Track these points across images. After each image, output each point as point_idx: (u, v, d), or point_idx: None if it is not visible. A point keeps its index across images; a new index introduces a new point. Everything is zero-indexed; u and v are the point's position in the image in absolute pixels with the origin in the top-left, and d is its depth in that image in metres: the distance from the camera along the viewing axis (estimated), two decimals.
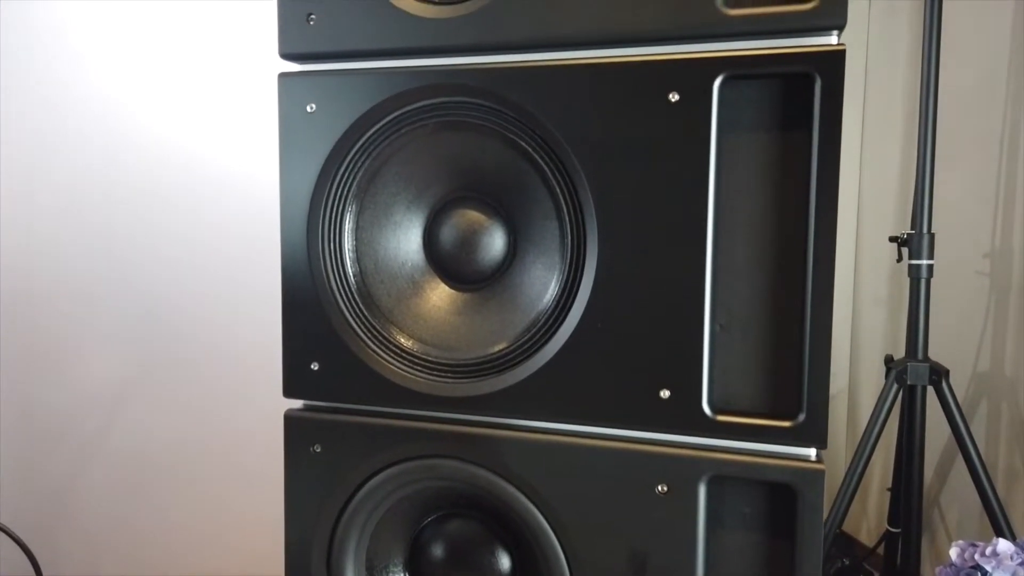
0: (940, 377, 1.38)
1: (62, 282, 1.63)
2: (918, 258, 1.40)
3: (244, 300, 1.54)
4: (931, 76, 1.38)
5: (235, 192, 1.52)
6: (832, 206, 0.62)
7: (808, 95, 0.62)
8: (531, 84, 0.68)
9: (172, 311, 1.58)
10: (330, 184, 0.74)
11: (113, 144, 1.57)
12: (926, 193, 1.40)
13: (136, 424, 1.62)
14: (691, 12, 0.63)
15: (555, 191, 0.69)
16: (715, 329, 0.66)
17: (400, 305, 0.75)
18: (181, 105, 1.53)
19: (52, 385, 1.65)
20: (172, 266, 1.57)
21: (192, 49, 1.51)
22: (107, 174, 1.58)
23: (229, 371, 1.57)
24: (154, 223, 1.57)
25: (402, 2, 0.70)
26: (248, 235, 1.53)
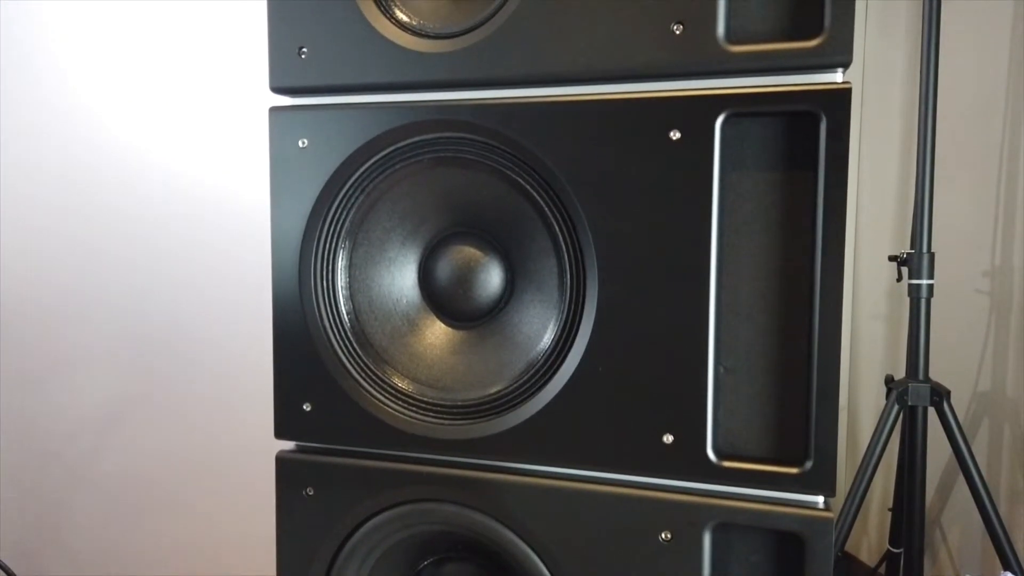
0: (941, 398, 1.37)
1: (53, 302, 1.61)
2: (918, 278, 1.39)
3: (237, 319, 1.52)
4: (929, 96, 1.37)
5: (228, 211, 1.50)
6: (839, 247, 0.61)
7: (813, 133, 0.60)
8: (529, 120, 0.66)
9: (164, 331, 1.56)
10: (322, 221, 0.72)
11: (104, 163, 1.55)
12: (925, 213, 1.38)
13: (127, 446, 1.60)
14: (693, 48, 0.62)
15: (553, 229, 0.67)
16: (719, 372, 0.64)
17: (395, 344, 0.73)
18: (179, 125, 1.51)
19: (43, 406, 1.63)
20: (163, 286, 1.55)
21: (182, 69, 1.49)
22: (97, 193, 1.56)
23: (222, 391, 1.54)
24: (146, 242, 1.55)
25: (396, 36, 0.68)
26: (241, 253, 1.51)
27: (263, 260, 1.48)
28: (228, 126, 1.48)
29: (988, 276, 1.50)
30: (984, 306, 1.50)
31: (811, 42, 0.59)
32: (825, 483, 0.61)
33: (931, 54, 1.37)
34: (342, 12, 0.69)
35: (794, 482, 0.62)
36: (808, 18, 0.60)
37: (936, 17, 1.38)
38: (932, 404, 1.39)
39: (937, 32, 1.36)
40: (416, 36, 0.68)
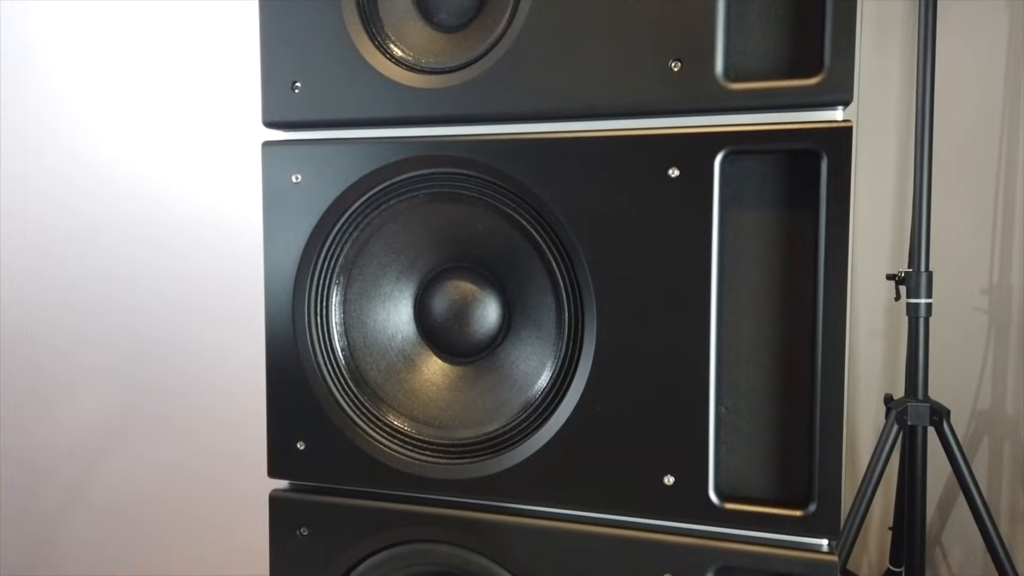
0: (941, 418, 1.36)
1: (48, 321, 1.59)
2: (916, 297, 1.38)
3: (233, 336, 1.50)
4: (926, 113, 1.36)
5: (225, 228, 1.49)
6: (841, 286, 0.60)
7: (814, 170, 0.60)
8: (526, 156, 0.65)
9: (160, 349, 1.54)
10: (316, 256, 0.71)
11: (99, 181, 1.54)
12: (923, 232, 1.38)
13: (124, 465, 1.58)
14: (691, 86, 0.61)
15: (551, 266, 0.66)
16: (720, 411, 0.63)
17: (390, 380, 0.72)
18: (176, 143, 1.50)
19: (39, 426, 1.61)
20: (159, 304, 1.53)
21: (180, 88, 1.48)
22: (93, 211, 1.54)
23: (219, 409, 1.53)
24: (141, 261, 1.53)
25: (391, 71, 0.67)
26: (238, 270, 1.49)
27: (260, 277, 1.47)
28: (227, 144, 1.47)
29: (986, 294, 1.49)
30: (983, 324, 1.49)
31: (811, 80, 0.59)
32: (829, 526, 0.60)
33: (927, 71, 1.37)
34: (336, 47, 0.68)
35: (797, 525, 0.61)
36: (808, 56, 0.59)
37: (931, 33, 1.37)
38: (932, 424, 1.38)
39: (933, 48, 1.36)
40: (411, 71, 0.68)
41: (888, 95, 1.73)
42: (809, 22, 0.59)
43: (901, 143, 1.71)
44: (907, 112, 1.69)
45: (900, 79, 1.71)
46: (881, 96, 1.76)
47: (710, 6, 0.60)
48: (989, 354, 1.49)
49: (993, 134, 1.49)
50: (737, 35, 0.60)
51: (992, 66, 1.48)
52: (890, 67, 1.73)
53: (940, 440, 1.36)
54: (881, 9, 1.57)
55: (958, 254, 1.53)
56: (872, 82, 1.79)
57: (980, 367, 1.50)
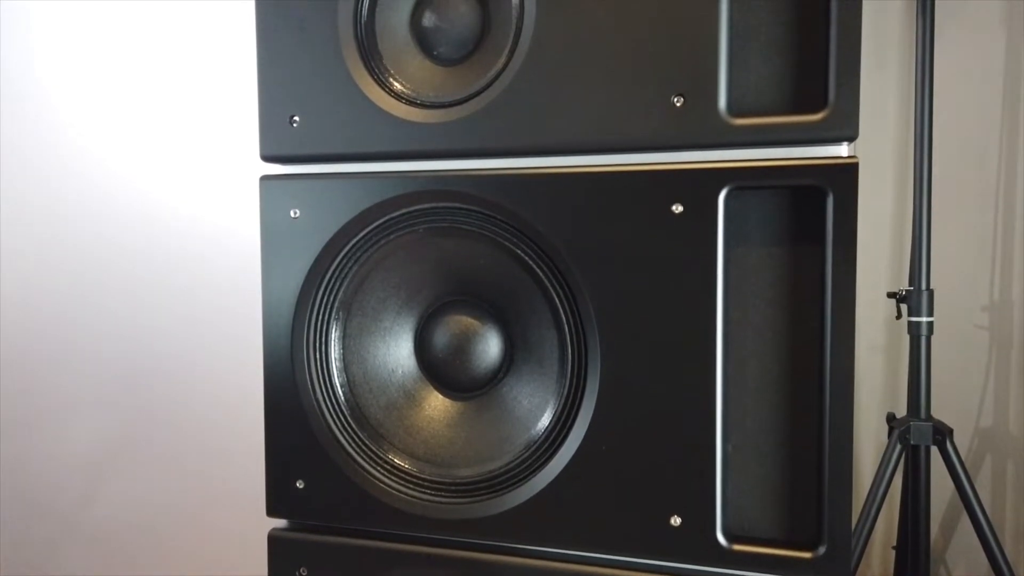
0: (944, 437, 1.36)
1: (42, 349, 1.57)
2: (918, 315, 1.37)
3: (229, 364, 1.49)
4: (924, 131, 1.36)
5: (221, 259, 1.48)
6: (849, 322, 0.59)
7: (820, 207, 0.59)
8: (528, 191, 0.64)
9: (155, 376, 1.53)
10: (315, 292, 0.70)
11: (94, 207, 1.53)
12: (923, 250, 1.38)
13: (119, 493, 1.56)
14: (694, 121, 0.60)
15: (554, 302, 0.65)
16: (727, 450, 0.62)
17: (391, 416, 0.71)
18: (165, 161, 1.49)
19: (34, 454, 1.59)
20: (153, 331, 1.52)
21: (177, 104, 1.47)
22: (86, 238, 1.53)
23: (215, 437, 1.51)
24: (135, 287, 1.52)
25: (391, 106, 0.67)
26: (232, 300, 1.48)
27: (256, 304, 1.45)
28: (230, 164, 1.46)
29: (987, 311, 1.49)
30: (984, 341, 1.49)
31: (815, 116, 0.58)
32: (840, 568, 0.59)
33: (925, 88, 1.37)
34: (335, 81, 0.68)
35: (807, 567, 0.60)
36: (812, 91, 0.59)
37: (929, 52, 1.37)
38: (935, 443, 1.37)
39: (931, 66, 1.36)
40: (411, 105, 0.67)
41: (886, 112, 1.73)
42: (813, 57, 0.59)
43: (900, 159, 1.71)
44: (906, 129, 1.69)
45: (898, 96, 1.71)
46: (879, 113, 1.76)
47: (712, 41, 0.59)
48: (991, 372, 1.48)
49: (992, 151, 1.49)
50: (740, 70, 0.60)
51: (990, 83, 1.48)
52: (888, 84, 1.74)
53: (943, 459, 1.35)
54: (878, 27, 1.57)
55: (958, 271, 1.53)
56: (870, 99, 1.79)
57: (982, 385, 1.49)
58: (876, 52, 1.77)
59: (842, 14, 0.56)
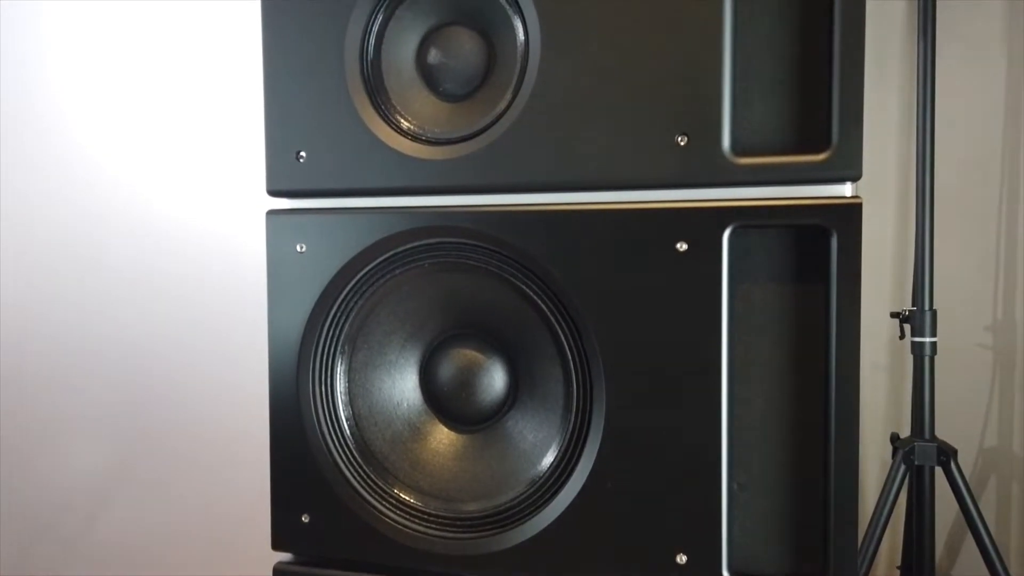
0: (948, 458, 1.35)
1: (44, 372, 1.58)
2: (921, 336, 1.37)
3: (231, 388, 1.49)
4: (926, 152, 1.37)
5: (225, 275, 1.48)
6: (854, 360, 0.59)
7: (824, 245, 0.59)
8: (533, 228, 0.64)
9: (157, 400, 1.53)
10: (321, 326, 0.70)
11: (97, 224, 1.53)
12: (926, 270, 1.38)
13: (121, 517, 1.56)
14: (698, 160, 0.61)
15: (559, 337, 0.65)
16: (733, 488, 0.62)
17: (396, 450, 0.71)
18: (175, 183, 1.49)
19: (36, 478, 1.59)
20: (155, 355, 1.52)
21: (185, 116, 1.47)
22: (89, 261, 1.54)
23: (217, 460, 1.51)
24: (137, 311, 1.52)
25: (397, 142, 0.67)
26: (234, 321, 1.48)
27: (259, 325, 1.46)
28: (238, 181, 1.46)
29: (990, 331, 1.49)
30: (987, 361, 1.49)
31: (819, 156, 0.58)
32: None
33: (926, 108, 1.37)
34: (341, 117, 0.68)
35: None
36: (815, 130, 0.59)
37: (930, 71, 1.38)
38: (939, 464, 1.37)
39: (932, 85, 1.37)
40: (416, 142, 0.67)
41: (888, 131, 1.74)
42: (816, 98, 0.59)
43: (902, 177, 1.71)
44: (908, 148, 1.69)
45: (900, 115, 1.72)
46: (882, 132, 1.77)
47: (716, 81, 0.60)
48: (995, 391, 1.48)
49: (994, 170, 1.49)
50: (743, 109, 0.60)
51: (991, 102, 1.49)
52: (890, 103, 1.74)
53: (948, 480, 1.35)
54: (880, 45, 1.58)
55: (961, 291, 1.53)
56: (873, 118, 1.79)
57: (986, 404, 1.49)
58: (878, 70, 1.78)
59: (844, 56, 0.57)
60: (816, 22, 0.58)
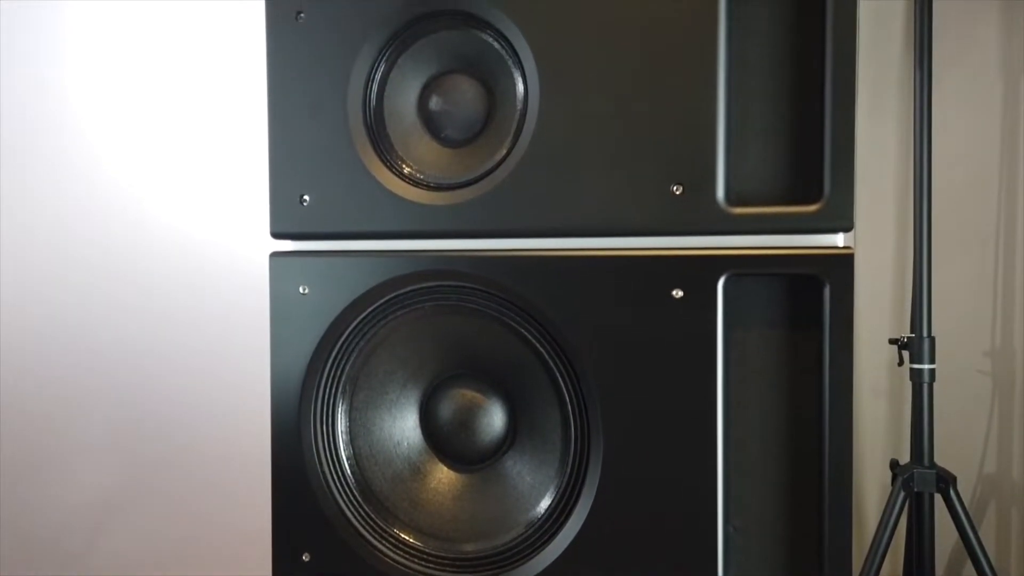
0: (948, 485, 1.35)
1: (47, 391, 1.59)
2: (919, 362, 1.38)
3: (234, 406, 1.50)
4: (923, 178, 1.38)
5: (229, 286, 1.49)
6: (847, 405, 0.60)
7: (816, 293, 0.60)
8: (532, 273, 0.66)
9: (159, 418, 1.54)
10: (323, 366, 0.72)
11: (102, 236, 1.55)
12: (924, 297, 1.39)
13: (125, 535, 1.57)
14: (693, 209, 0.62)
15: (557, 380, 0.67)
16: (729, 531, 0.63)
17: (396, 489, 0.72)
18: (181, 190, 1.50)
19: (39, 496, 1.60)
20: (157, 374, 1.53)
21: (197, 130, 1.48)
22: (91, 281, 1.55)
23: (220, 478, 1.52)
24: (140, 330, 1.54)
25: (399, 188, 0.69)
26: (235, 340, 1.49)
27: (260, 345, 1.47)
28: (232, 185, 1.46)
29: (988, 356, 1.49)
30: (986, 387, 1.49)
31: (811, 207, 0.60)
32: None
33: (923, 135, 1.38)
34: (344, 162, 0.70)
35: None
36: (807, 182, 0.60)
37: (927, 101, 1.39)
38: (938, 491, 1.37)
39: (929, 112, 1.38)
40: (418, 187, 0.69)
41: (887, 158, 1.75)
42: (808, 150, 0.60)
43: (900, 203, 1.72)
44: (905, 174, 1.71)
45: (897, 143, 1.73)
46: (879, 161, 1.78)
47: (711, 133, 0.61)
48: (994, 417, 1.48)
49: (991, 195, 1.50)
50: (738, 160, 0.62)
51: (988, 130, 1.50)
52: (887, 131, 1.76)
53: (947, 507, 1.35)
54: (877, 73, 1.60)
55: (960, 316, 1.53)
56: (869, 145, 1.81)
57: (985, 431, 1.49)
58: (875, 98, 1.79)
59: (836, 111, 0.58)
60: (809, 77, 0.60)
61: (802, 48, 0.60)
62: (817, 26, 0.59)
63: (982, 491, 1.50)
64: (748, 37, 0.61)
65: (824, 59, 0.58)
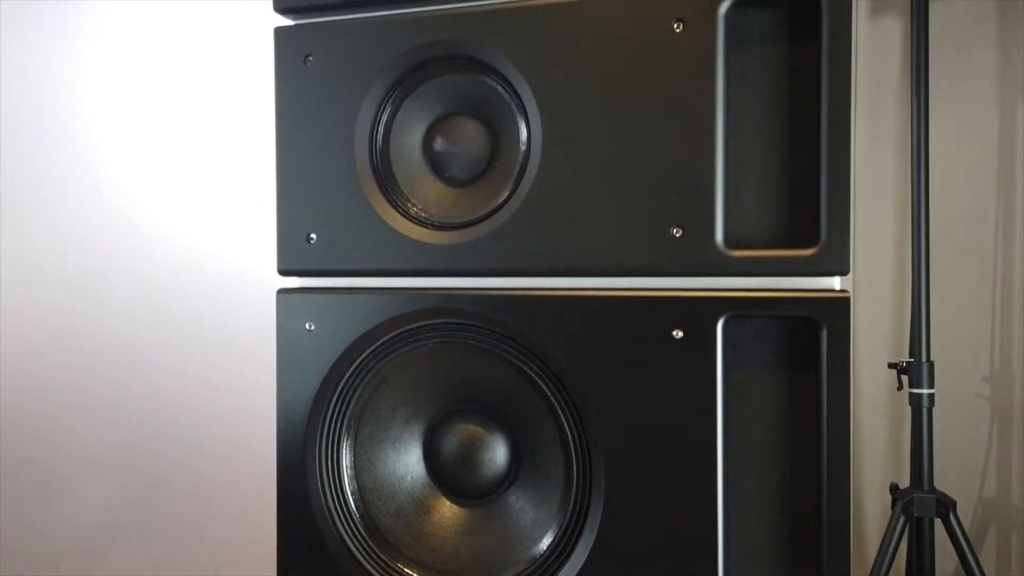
0: (947, 509, 1.36)
1: (48, 413, 1.60)
2: (919, 387, 1.39)
3: (237, 430, 1.51)
4: (921, 203, 1.39)
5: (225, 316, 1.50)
6: (844, 444, 0.61)
7: (814, 335, 0.61)
8: (534, 312, 0.67)
9: (161, 441, 1.55)
10: (328, 401, 0.73)
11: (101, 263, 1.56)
12: (923, 322, 1.39)
13: (126, 557, 1.57)
14: (692, 251, 0.63)
15: (559, 417, 0.68)
16: (730, 568, 0.64)
17: (400, 524, 0.73)
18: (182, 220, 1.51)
19: (40, 518, 1.60)
20: (160, 397, 1.54)
21: (207, 141, 1.49)
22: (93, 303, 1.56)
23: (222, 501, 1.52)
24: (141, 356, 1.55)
25: (405, 227, 0.70)
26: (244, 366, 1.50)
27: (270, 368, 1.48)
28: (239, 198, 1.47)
29: (987, 381, 1.50)
30: (985, 411, 1.50)
31: (808, 251, 0.61)
32: None
33: (921, 160, 1.40)
34: (351, 201, 0.71)
35: None
36: (804, 226, 0.62)
37: (924, 127, 1.41)
38: (938, 516, 1.37)
39: (926, 138, 1.40)
40: (423, 227, 0.70)
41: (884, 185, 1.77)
42: (805, 194, 0.62)
43: (899, 229, 1.74)
44: (903, 202, 1.72)
45: (895, 168, 1.75)
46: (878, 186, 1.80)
47: (709, 177, 0.62)
48: (993, 441, 1.49)
49: (989, 220, 1.51)
50: (736, 205, 0.63)
51: (985, 155, 1.52)
52: (885, 156, 1.77)
53: (947, 532, 1.35)
54: (874, 99, 1.61)
55: (958, 341, 1.54)
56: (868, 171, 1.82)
57: (984, 455, 1.50)
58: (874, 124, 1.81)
59: (832, 159, 0.60)
60: (805, 124, 0.61)
61: (798, 95, 0.62)
62: (812, 74, 0.61)
63: (982, 515, 1.50)
64: (745, 85, 0.63)
65: (820, 107, 0.60)
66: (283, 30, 0.73)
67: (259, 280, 1.49)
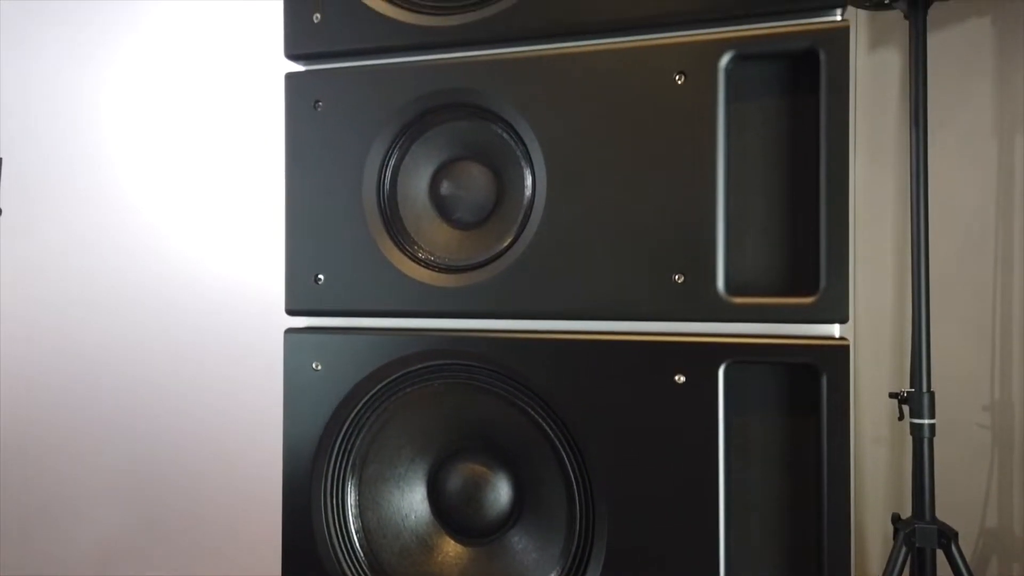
0: (949, 540, 1.36)
1: (52, 437, 1.60)
2: (919, 417, 1.39)
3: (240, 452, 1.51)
4: (921, 233, 1.41)
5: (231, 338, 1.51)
6: (844, 488, 0.62)
7: (814, 380, 0.62)
8: (538, 354, 0.68)
9: (165, 464, 1.55)
10: (334, 440, 0.73)
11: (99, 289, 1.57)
12: (923, 352, 1.40)
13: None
14: (694, 298, 0.64)
15: (562, 459, 0.68)
16: None
17: (403, 563, 0.73)
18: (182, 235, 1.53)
19: (45, 540, 1.60)
20: (163, 420, 1.55)
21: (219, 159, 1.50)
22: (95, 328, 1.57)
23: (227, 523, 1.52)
24: (145, 380, 1.55)
25: (411, 270, 0.71)
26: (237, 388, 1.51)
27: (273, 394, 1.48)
28: (243, 214, 1.49)
29: (988, 410, 1.50)
30: (986, 440, 1.50)
31: (808, 299, 0.62)
32: None
33: (920, 191, 1.41)
34: (358, 244, 0.72)
35: None
36: (804, 274, 0.63)
37: (923, 158, 1.43)
38: (940, 547, 1.37)
39: (926, 172, 1.41)
40: (430, 269, 0.71)
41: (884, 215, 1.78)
42: (805, 244, 0.63)
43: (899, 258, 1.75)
44: (903, 230, 1.74)
45: (895, 199, 1.76)
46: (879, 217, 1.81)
47: (710, 225, 0.64)
48: (994, 471, 1.49)
49: (988, 250, 1.53)
50: (737, 252, 0.64)
51: (984, 186, 1.53)
52: (885, 188, 1.79)
53: (949, 563, 1.35)
54: (874, 125, 1.63)
55: (958, 370, 1.55)
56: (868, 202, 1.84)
57: (985, 484, 1.50)
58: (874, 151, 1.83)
59: (830, 209, 0.61)
60: (805, 175, 0.63)
61: (798, 145, 0.63)
62: (812, 125, 0.62)
63: (984, 546, 1.50)
64: (745, 135, 0.64)
65: (819, 158, 0.61)
66: (294, 76, 0.74)
67: (270, 306, 1.49)
